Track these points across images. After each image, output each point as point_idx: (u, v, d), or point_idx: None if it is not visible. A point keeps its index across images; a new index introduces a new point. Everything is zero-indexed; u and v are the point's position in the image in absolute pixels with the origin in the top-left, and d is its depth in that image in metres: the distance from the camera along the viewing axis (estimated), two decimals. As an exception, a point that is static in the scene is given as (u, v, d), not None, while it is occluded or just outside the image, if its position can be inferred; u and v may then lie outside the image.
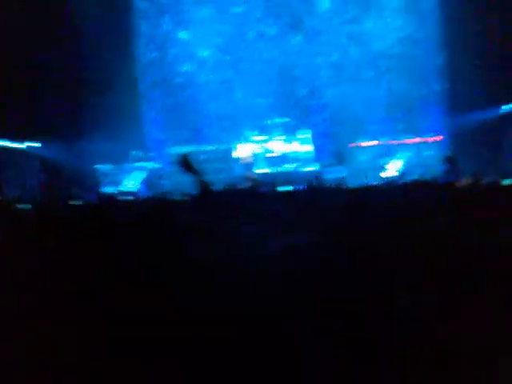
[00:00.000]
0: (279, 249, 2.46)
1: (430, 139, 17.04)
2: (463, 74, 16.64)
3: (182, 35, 19.14)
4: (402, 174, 15.17)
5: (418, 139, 17.09)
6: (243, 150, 16.74)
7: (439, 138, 17.04)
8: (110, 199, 7.05)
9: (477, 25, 16.18)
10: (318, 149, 18.13)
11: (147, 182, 16.29)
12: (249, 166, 16.50)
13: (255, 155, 16.97)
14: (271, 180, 9.30)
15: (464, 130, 16.58)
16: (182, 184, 15.70)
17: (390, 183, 9.81)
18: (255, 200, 6.96)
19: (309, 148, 17.62)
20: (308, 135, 17.70)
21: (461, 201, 5.72)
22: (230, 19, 18.92)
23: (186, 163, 5.40)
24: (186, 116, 18.92)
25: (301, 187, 9.14)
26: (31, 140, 16.15)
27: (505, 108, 15.98)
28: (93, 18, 17.44)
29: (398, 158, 16.24)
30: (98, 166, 16.75)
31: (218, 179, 14.08)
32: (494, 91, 16.11)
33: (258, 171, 17.00)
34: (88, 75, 17.43)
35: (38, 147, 16.27)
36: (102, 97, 17.21)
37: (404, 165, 15.97)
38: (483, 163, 14.73)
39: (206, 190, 7.42)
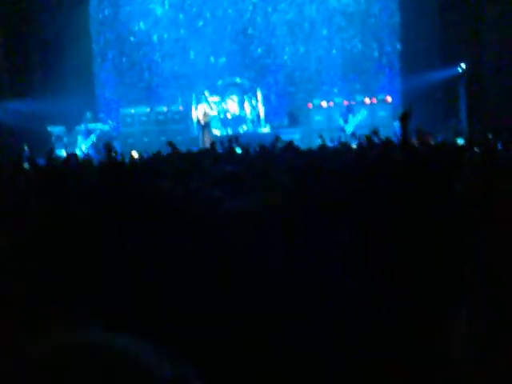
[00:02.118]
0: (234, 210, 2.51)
1: (384, 99, 17.19)
2: (417, 35, 16.79)
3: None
4: (354, 134, 15.29)
5: (372, 99, 17.22)
6: (199, 111, 16.66)
7: (390, 98, 17.19)
8: (65, 164, 6.99)
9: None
10: (272, 110, 18.16)
11: (97, 145, 16.02)
12: (206, 127, 16.41)
13: (211, 116, 16.89)
14: (229, 141, 9.29)
15: (417, 91, 16.79)
16: (133, 145, 15.64)
17: (345, 144, 9.91)
18: (216, 162, 7.00)
19: (260, 109, 17.64)
20: (259, 96, 17.70)
21: (413, 159, 5.85)
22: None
23: None
24: (140, 75, 18.64)
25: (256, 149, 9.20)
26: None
27: (459, 68, 16.18)
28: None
29: (354, 118, 16.35)
30: (51, 128, 16.44)
31: (176, 140, 14.02)
32: (447, 52, 16.33)
33: (215, 132, 16.98)
34: (39, 33, 16.98)
35: None
36: (53, 55, 16.82)
37: (355, 125, 16.06)
38: (437, 123, 15.04)
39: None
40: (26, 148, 12.65)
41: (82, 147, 15.76)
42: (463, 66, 15.95)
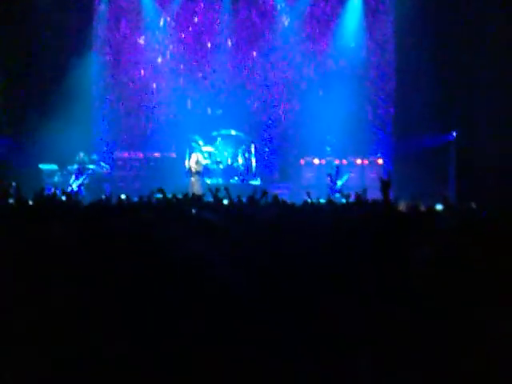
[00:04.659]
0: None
1: (375, 161, 17.43)
2: (411, 101, 17.14)
3: (139, 40, 19.10)
4: (341, 192, 15.42)
5: (363, 160, 17.47)
6: (192, 160, 16.79)
7: (381, 160, 17.44)
8: (46, 201, 7.02)
9: (427, 54, 16.73)
10: (264, 163, 18.35)
11: (88, 185, 16.16)
12: (197, 175, 16.53)
13: (203, 166, 17.04)
14: (216, 191, 9.35)
15: (409, 155, 17.03)
16: (124, 188, 15.71)
17: (331, 202, 9.96)
18: (199, 210, 7.03)
19: (252, 162, 17.83)
20: (253, 149, 17.92)
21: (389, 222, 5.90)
22: (188, 28, 18.99)
23: None
24: (136, 121, 18.88)
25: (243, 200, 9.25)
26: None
27: (450, 136, 16.48)
28: (51, 17, 17.30)
29: (343, 178, 16.52)
30: (43, 166, 16.51)
31: (167, 187, 14.11)
32: (440, 118, 16.62)
33: (207, 182, 17.11)
34: (40, 73, 17.26)
35: None
36: (53, 94, 17.03)
37: (343, 184, 16.24)
38: (425, 188, 15.17)
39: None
40: (13, 184, 12.65)
41: (73, 186, 15.82)
42: (454, 133, 16.24)
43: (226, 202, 8.72)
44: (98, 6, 18.92)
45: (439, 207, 6.40)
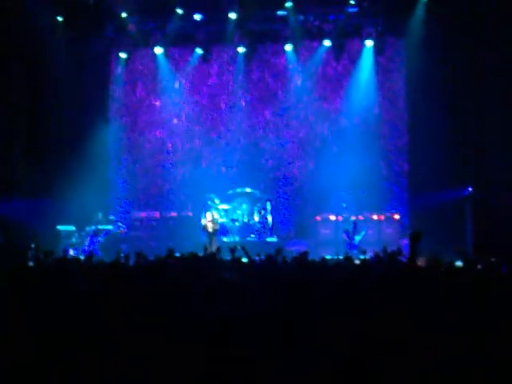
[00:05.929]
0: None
1: (391, 216, 17.35)
2: (425, 156, 17.16)
3: (155, 102, 19.52)
4: (358, 248, 15.39)
5: (379, 216, 17.40)
6: (207, 218, 16.86)
7: (397, 215, 17.36)
8: (64, 264, 7.09)
9: (439, 110, 16.86)
10: (280, 220, 18.35)
11: (105, 245, 16.22)
12: (213, 233, 16.58)
13: (219, 223, 17.10)
14: (233, 249, 9.37)
15: (425, 210, 16.93)
16: (140, 248, 15.73)
17: (349, 259, 9.93)
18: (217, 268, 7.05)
19: (268, 219, 17.83)
20: (268, 206, 17.93)
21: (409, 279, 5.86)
22: (203, 90, 19.39)
23: None
24: (153, 181, 19.13)
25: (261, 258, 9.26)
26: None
27: (466, 190, 16.43)
28: (71, 80, 17.75)
29: (360, 234, 16.45)
30: (61, 227, 16.64)
31: (184, 246, 14.21)
32: (454, 173, 16.62)
33: (224, 240, 17.15)
34: (59, 137, 17.63)
35: None
36: (71, 158, 17.33)
37: (360, 240, 16.19)
38: (442, 243, 15.02)
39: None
40: (32, 246, 12.75)
41: (89, 246, 15.93)
42: (470, 189, 16.19)
43: (244, 260, 8.74)
44: (114, 69, 19.47)
45: (459, 263, 6.36)
